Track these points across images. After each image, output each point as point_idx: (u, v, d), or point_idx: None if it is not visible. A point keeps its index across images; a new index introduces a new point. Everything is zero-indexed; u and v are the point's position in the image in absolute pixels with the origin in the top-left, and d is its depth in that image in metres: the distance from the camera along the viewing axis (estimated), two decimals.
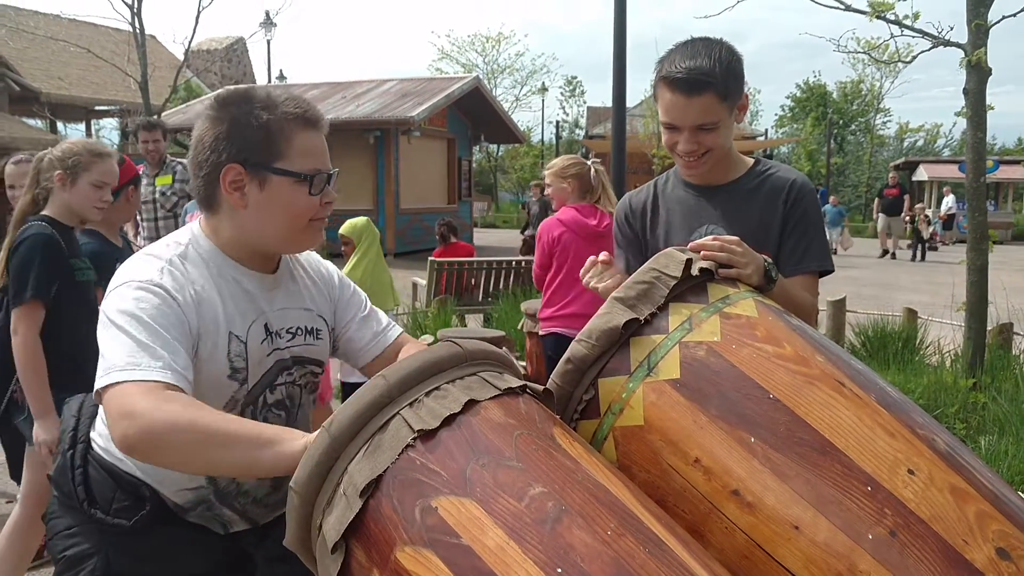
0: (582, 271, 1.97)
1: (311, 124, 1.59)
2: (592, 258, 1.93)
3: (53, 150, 3.10)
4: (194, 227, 1.65)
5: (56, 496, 1.68)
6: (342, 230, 5.11)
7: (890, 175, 22.10)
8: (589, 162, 4.44)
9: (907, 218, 20.38)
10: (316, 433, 1.24)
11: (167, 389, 1.37)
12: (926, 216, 20.09)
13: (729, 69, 1.96)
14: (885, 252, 20.19)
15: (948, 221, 23.40)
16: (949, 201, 23.38)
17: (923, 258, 19.22)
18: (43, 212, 3.07)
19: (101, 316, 1.50)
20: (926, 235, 19.68)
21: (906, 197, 20.89)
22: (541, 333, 4.48)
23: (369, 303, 1.90)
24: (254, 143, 1.54)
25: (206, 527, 1.65)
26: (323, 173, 1.60)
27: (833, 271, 2.12)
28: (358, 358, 1.84)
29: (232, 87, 1.73)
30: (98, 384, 1.40)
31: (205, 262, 1.60)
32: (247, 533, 1.70)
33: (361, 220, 5.17)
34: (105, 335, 1.46)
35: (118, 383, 1.37)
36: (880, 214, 20.88)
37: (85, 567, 1.59)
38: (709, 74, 1.93)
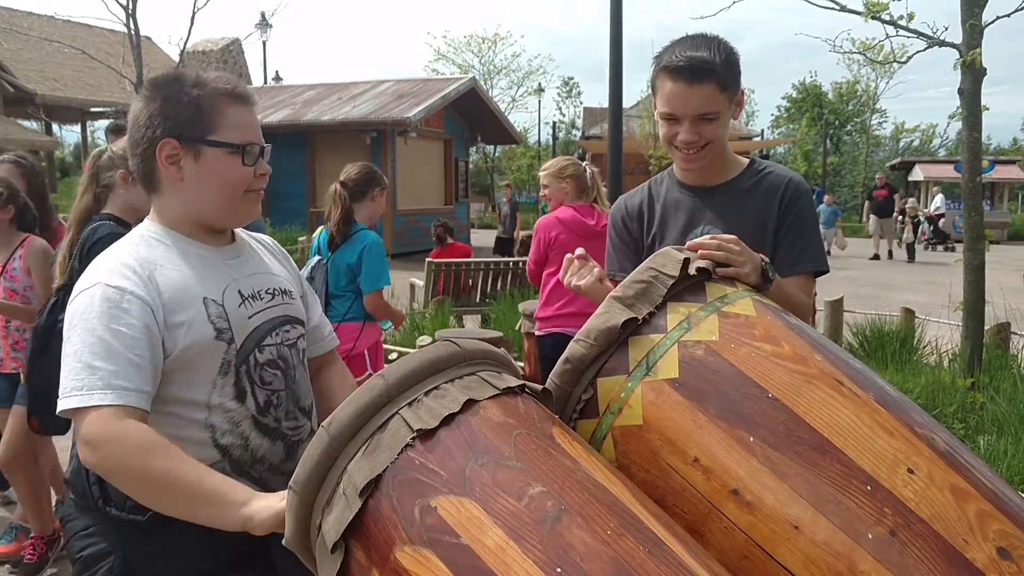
0: (561, 272, 1.93)
1: (241, 99, 1.66)
2: (568, 256, 1.90)
3: (113, 147, 3.14)
4: (144, 222, 1.72)
5: (72, 498, 1.70)
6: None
7: (877, 176, 21.41)
8: (583, 163, 4.49)
9: (899, 217, 19.93)
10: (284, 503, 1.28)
11: (122, 415, 1.43)
12: (911, 217, 19.60)
13: (728, 61, 1.99)
14: (876, 256, 19.40)
15: (937, 220, 23.35)
16: (938, 200, 23.30)
17: (912, 259, 18.78)
18: (105, 211, 3.07)
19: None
20: (909, 237, 19.15)
21: (896, 197, 20.17)
22: (539, 333, 4.48)
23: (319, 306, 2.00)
24: (187, 117, 1.60)
25: None
26: (255, 145, 1.66)
27: (828, 271, 2.12)
28: (312, 350, 1.91)
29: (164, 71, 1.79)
30: (58, 408, 1.47)
31: (161, 241, 1.65)
32: None
33: None
34: (63, 349, 1.51)
35: (71, 409, 1.45)
36: (872, 216, 20.19)
37: (103, 566, 1.61)
38: (710, 63, 1.95)
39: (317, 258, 4.10)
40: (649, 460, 1.35)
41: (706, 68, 1.94)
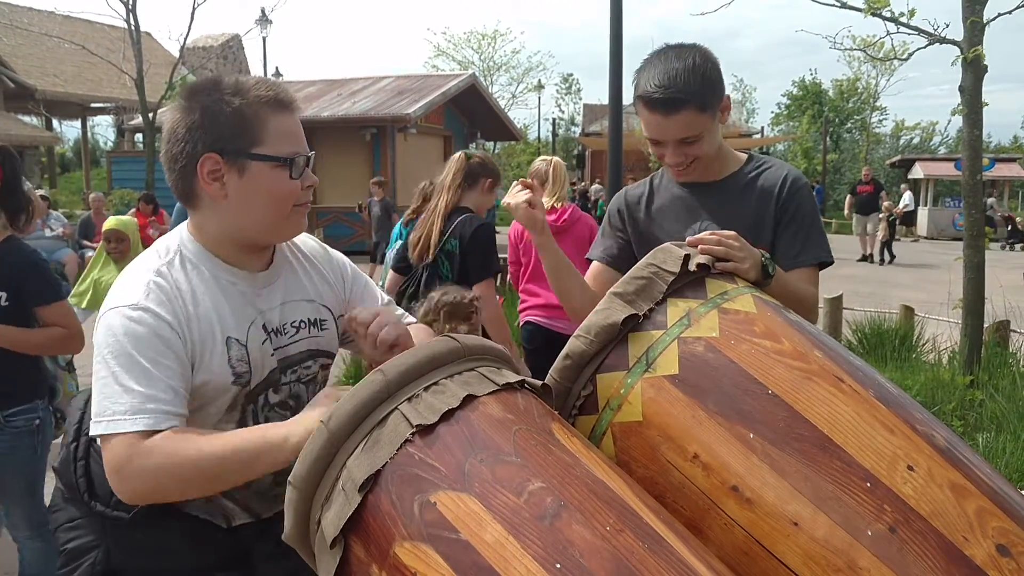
0: (507, 195, 2.00)
1: (284, 106, 1.55)
2: (518, 180, 1.98)
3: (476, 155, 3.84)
4: (182, 229, 1.62)
5: (60, 488, 1.68)
6: (113, 225, 4.71)
7: (863, 170, 20.20)
8: (542, 158, 4.63)
9: (882, 216, 18.39)
10: (310, 423, 1.25)
11: (148, 436, 1.38)
12: (887, 216, 18.31)
13: (705, 79, 1.94)
14: (865, 257, 18.27)
15: (907, 217, 22.95)
16: (906, 198, 22.80)
17: (891, 260, 17.72)
18: (462, 204, 3.69)
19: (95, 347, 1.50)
20: (885, 236, 18.14)
21: (882, 194, 18.81)
22: (519, 324, 4.66)
23: (383, 293, 1.88)
24: (229, 130, 1.50)
25: (208, 521, 1.64)
26: (302, 155, 1.57)
27: (832, 263, 2.11)
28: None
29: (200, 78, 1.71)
30: (92, 431, 1.43)
31: (196, 266, 1.56)
32: (247, 527, 1.68)
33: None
34: (94, 372, 1.46)
35: (104, 435, 1.40)
36: (854, 214, 18.85)
37: (86, 560, 1.59)
38: (684, 91, 1.91)
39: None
40: (649, 456, 1.35)
41: (680, 99, 1.91)
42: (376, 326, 1.58)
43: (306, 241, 1.80)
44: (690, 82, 1.91)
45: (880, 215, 18.43)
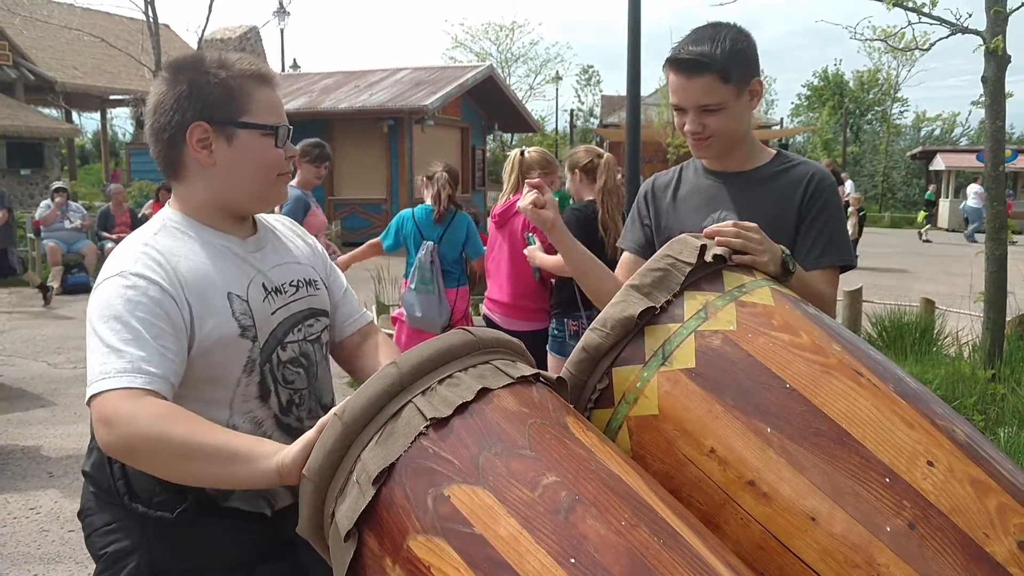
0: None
1: (266, 80, 1.63)
2: (528, 181, 2.01)
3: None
4: (165, 209, 1.69)
5: (92, 492, 1.66)
6: None
7: (824, 161, 19.25)
8: (517, 149, 4.75)
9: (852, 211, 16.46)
10: (312, 431, 1.25)
11: (144, 395, 1.38)
12: (857, 210, 17.26)
13: (734, 51, 1.97)
14: None
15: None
16: (848, 187, 21.32)
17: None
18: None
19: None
20: (853, 234, 15.83)
21: (840, 189, 17.35)
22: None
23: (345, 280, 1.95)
24: (217, 100, 1.57)
25: (248, 515, 1.63)
26: (285, 126, 1.64)
27: (855, 266, 2.09)
28: (335, 333, 1.87)
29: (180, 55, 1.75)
30: (87, 396, 1.42)
31: (184, 233, 1.61)
32: (290, 513, 1.67)
33: None
34: (88, 341, 1.48)
35: (96, 394, 1.39)
36: None
37: (128, 564, 1.57)
38: (709, 56, 1.95)
39: (431, 243, 5.00)
40: (664, 450, 1.34)
41: (703, 62, 1.95)
42: None
43: (283, 219, 1.89)
44: (716, 49, 1.95)
45: (849, 209, 17.65)
